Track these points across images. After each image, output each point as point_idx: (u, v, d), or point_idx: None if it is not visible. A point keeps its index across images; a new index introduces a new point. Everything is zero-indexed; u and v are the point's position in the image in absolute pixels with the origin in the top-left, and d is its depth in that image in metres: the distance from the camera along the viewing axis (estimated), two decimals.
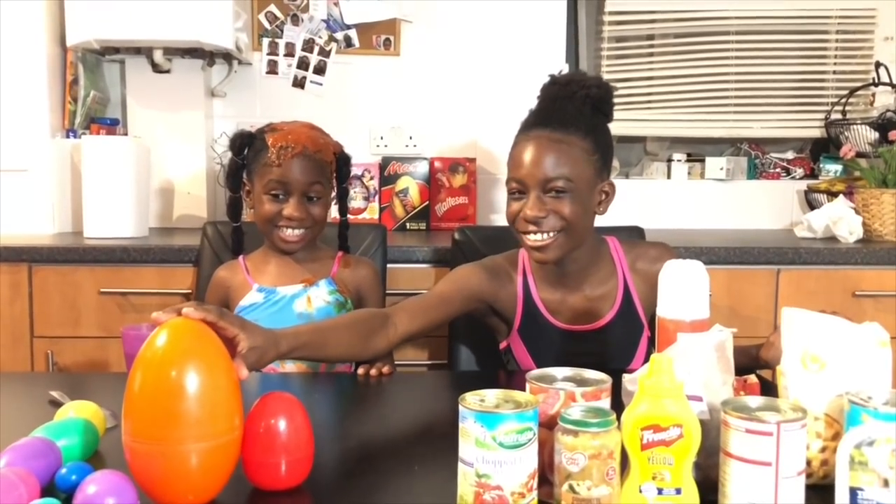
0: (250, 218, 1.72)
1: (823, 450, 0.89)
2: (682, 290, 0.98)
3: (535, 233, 1.35)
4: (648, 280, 1.46)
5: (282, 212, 1.57)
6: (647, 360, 1.43)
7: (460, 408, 0.80)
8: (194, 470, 0.80)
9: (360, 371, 1.41)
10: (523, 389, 0.89)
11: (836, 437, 0.88)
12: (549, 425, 0.83)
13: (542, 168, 1.32)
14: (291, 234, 1.59)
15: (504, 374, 1.52)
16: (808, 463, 0.85)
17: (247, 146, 1.63)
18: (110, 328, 1.98)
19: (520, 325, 1.47)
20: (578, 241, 1.39)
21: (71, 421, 0.95)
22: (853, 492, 0.77)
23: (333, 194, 1.70)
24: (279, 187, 1.56)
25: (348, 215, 1.78)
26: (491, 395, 0.83)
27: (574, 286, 1.46)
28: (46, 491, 0.82)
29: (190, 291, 1.99)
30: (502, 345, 1.54)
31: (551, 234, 1.35)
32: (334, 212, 1.75)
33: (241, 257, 1.69)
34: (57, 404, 1.12)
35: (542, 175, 1.32)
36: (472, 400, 0.81)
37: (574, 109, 1.36)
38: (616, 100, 1.44)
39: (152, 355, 0.81)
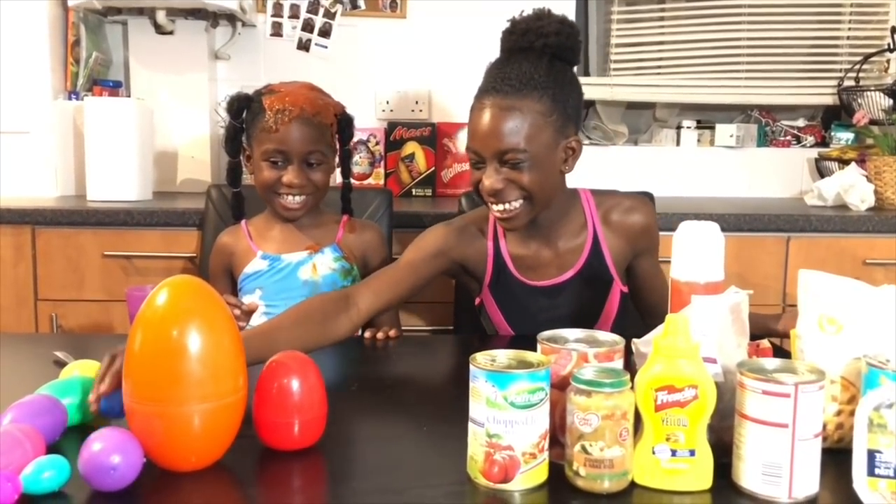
0: (251, 182, 1.69)
1: (839, 413, 0.88)
2: (697, 251, 0.97)
3: (497, 203, 1.30)
4: (622, 232, 1.42)
5: (281, 179, 1.52)
6: (618, 316, 1.45)
7: (471, 367, 0.78)
8: (197, 432, 0.79)
9: (367, 335, 1.40)
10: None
11: (852, 400, 0.87)
12: (560, 386, 0.82)
13: (495, 139, 1.25)
14: (292, 201, 1.55)
15: (514, 339, 1.51)
16: (823, 426, 0.84)
17: (245, 109, 1.58)
18: (114, 291, 1.97)
19: (490, 282, 1.44)
20: (545, 204, 1.34)
21: (76, 379, 0.94)
22: (871, 454, 0.76)
23: (336, 157, 1.66)
24: (277, 154, 1.52)
25: (352, 179, 1.74)
26: (502, 356, 0.81)
27: (544, 241, 1.42)
28: (52, 448, 0.81)
29: (194, 255, 1.97)
30: (476, 301, 1.52)
31: (514, 205, 1.30)
32: (339, 175, 1.72)
33: (243, 222, 1.66)
34: (61, 364, 1.11)
35: (496, 146, 1.25)
36: (483, 360, 0.80)
37: (529, 66, 1.27)
38: (626, 65, 1.40)
39: (152, 314, 0.79)
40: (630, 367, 0.87)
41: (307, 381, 0.88)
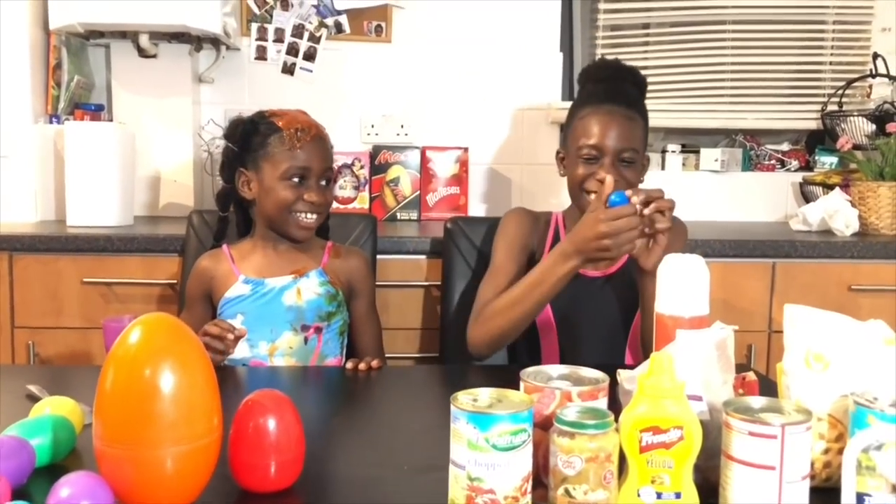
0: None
1: (826, 451, 0.86)
2: (681, 285, 0.96)
3: None
4: None
5: (302, 197, 1.52)
6: None
7: (452, 408, 0.77)
8: (170, 475, 0.76)
9: (349, 365, 1.38)
10: (517, 385, 0.86)
11: (840, 438, 0.86)
12: (544, 426, 0.80)
13: (618, 140, 1.50)
14: (309, 219, 1.55)
15: (496, 370, 1.49)
16: (811, 465, 0.82)
17: (250, 133, 1.56)
18: (93, 319, 1.93)
19: None
20: None
21: (46, 418, 0.92)
22: (860, 497, 0.74)
23: None
24: (300, 172, 1.52)
25: (338, 204, 1.74)
26: (484, 395, 0.80)
27: None
28: (18, 493, 0.79)
29: (175, 281, 1.95)
30: None
31: None
32: None
33: (224, 246, 1.64)
34: (34, 399, 1.08)
35: (619, 145, 1.50)
36: (465, 399, 0.78)
37: (634, 91, 1.59)
38: None
39: (125, 353, 0.77)
40: (616, 400, 0.86)
41: (284, 420, 0.85)
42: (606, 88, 1.56)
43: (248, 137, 1.57)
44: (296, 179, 1.53)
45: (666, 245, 1.34)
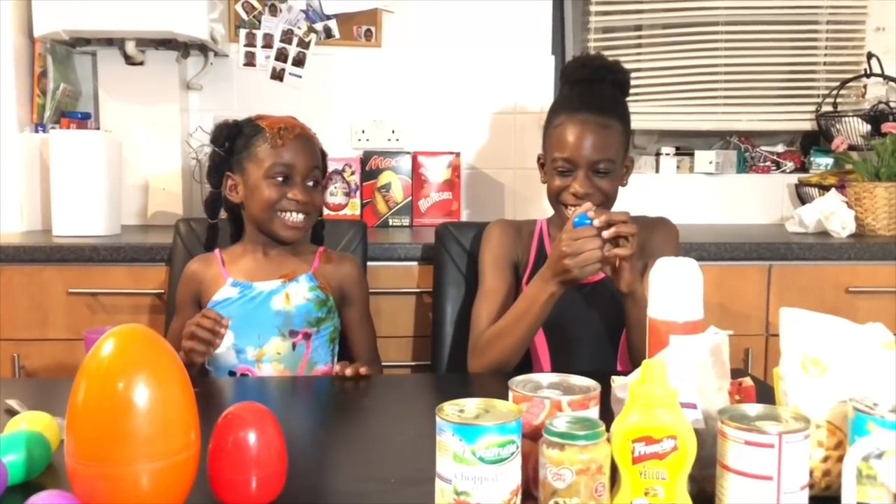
0: (223, 214, 1.65)
1: (825, 459, 0.84)
2: (674, 289, 0.93)
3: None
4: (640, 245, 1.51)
5: (286, 195, 1.50)
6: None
7: (437, 419, 0.74)
8: (145, 493, 0.74)
9: (338, 368, 1.36)
10: (508, 395, 0.83)
11: (839, 445, 0.83)
12: (533, 436, 0.78)
13: (592, 150, 1.46)
14: (295, 219, 1.52)
15: (487, 379, 1.47)
16: (810, 473, 0.80)
17: (234, 137, 1.55)
18: (79, 330, 1.89)
19: (528, 279, 1.54)
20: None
21: (19, 434, 0.89)
22: None
23: None
24: (283, 170, 1.50)
25: (329, 211, 1.71)
26: (471, 405, 0.77)
27: None
28: None
29: (162, 291, 1.92)
30: None
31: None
32: None
33: (216, 250, 1.62)
34: (14, 413, 1.05)
35: (593, 157, 1.47)
36: (451, 410, 0.75)
37: (611, 95, 1.53)
38: None
39: (97, 365, 0.75)
40: (608, 409, 0.84)
41: (265, 433, 0.83)
42: (581, 93, 1.52)
43: (233, 140, 1.56)
44: (280, 178, 1.51)
45: (631, 268, 1.35)
